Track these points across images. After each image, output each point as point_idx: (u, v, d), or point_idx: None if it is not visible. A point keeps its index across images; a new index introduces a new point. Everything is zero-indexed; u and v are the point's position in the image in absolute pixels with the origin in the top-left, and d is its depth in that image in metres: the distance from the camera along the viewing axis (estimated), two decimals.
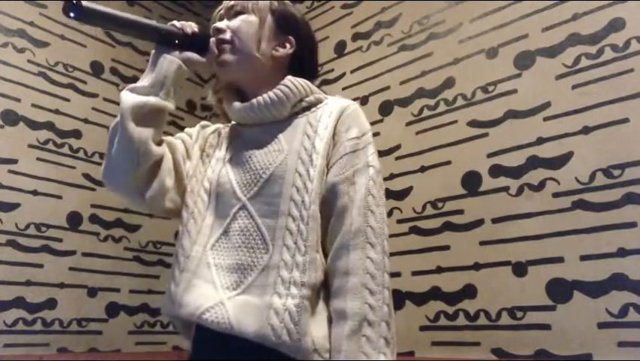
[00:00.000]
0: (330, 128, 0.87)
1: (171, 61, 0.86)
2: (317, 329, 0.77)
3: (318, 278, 0.80)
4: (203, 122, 1.05)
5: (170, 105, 0.87)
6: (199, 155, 0.97)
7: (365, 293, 0.77)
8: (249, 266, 0.82)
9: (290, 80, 0.91)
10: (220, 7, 0.98)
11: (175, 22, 0.90)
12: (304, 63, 0.98)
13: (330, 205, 0.83)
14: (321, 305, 0.81)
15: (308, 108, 0.93)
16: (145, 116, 0.84)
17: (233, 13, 0.95)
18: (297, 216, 0.81)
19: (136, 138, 0.82)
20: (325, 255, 0.83)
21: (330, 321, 0.80)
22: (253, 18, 0.94)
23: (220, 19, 0.96)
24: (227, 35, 0.92)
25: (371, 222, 0.81)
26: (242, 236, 0.84)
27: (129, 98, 0.84)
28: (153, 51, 0.88)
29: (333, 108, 0.90)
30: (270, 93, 0.90)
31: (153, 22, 0.87)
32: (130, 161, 0.83)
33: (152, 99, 0.85)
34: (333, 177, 0.84)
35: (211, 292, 0.82)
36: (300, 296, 0.77)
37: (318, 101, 0.94)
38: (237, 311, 0.78)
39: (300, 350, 0.75)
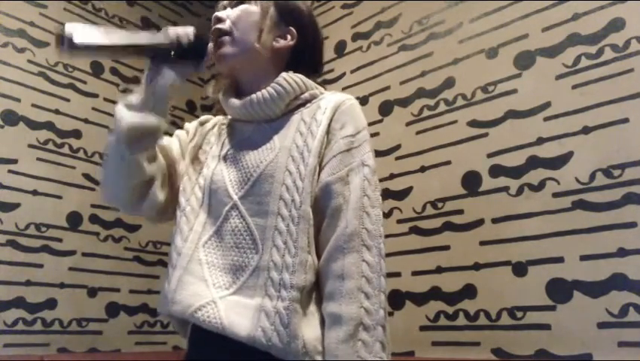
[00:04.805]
0: (323, 126, 0.84)
1: (165, 78, 0.84)
2: (308, 332, 0.76)
3: (307, 280, 0.78)
4: (202, 118, 1.04)
5: (164, 124, 0.86)
6: (194, 153, 0.96)
7: (361, 297, 0.75)
8: (241, 267, 0.81)
9: (284, 77, 0.88)
10: None
11: (170, 28, 0.85)
12: (304, 56, 0.95)
13: (323, 205, 0.81)
14: (312, 307, 0.79)
15: (303, 105, 0.90)
16: (139, 137, 0.83)
17: (235, 1, 0.93)
18: (287, 216, 0.79)
19: (127, 158, 0.82)
20: (318, 256, 0.81)
21: (322, 323, 0.78)
22: (254, 8, 0.91)
23: (224, 8, 0.94)
24: (226, 25, 0.90)
25: (367, 224, 0.79)
26: (234, 236, 0.83)
27: (123, 118, 0.82)
28: (148, 65, 0.85)
29: (328, 104, 0.87)
30: (264, 91, 0.88)
31: (147, 39, 0.83)
32: (121, 180, 0.86)
33: (146, 121, 0.83)
34: (326, 176, 0.82)
35: (204, 290, 0.81)
36: (289, 299, 0.75)
37: (313, 97, 0.91)
38: (229, 312, 0.77)
39: (290, 353, 0.74)
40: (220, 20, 0.91)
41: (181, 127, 1.03)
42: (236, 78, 0.95)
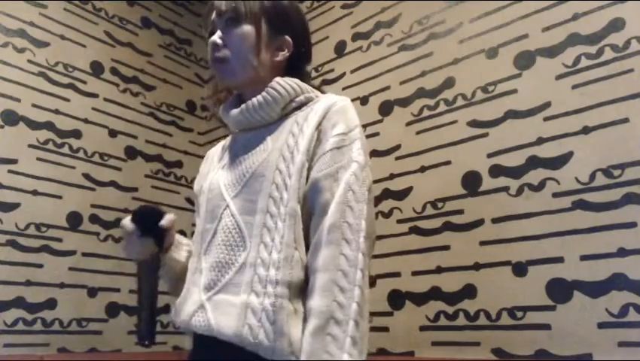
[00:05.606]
0: (313, 125, 0.85)
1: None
2: (297, 330, 0.75)
3: (294, 276, 0.77)
4: (208, 153, 1.08)
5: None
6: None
7: (335, 291, 0.73)
8: (227, 264, 0.82)
9: (278, 81, 0.90)
10: (209, 9, 0.94)
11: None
12: (300, 57, 0.96)
13: (313, 202, 0.81)
14: (301, 305, 0.78)
15: (298, 108, 0.91)
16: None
17: (225, 20, 0.91)
18: (275, 213, 0.80)
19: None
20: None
21: None
22: (248, 27, 0.90)
23: (212, 26, 0.93)
24: (225, 53, 0.90)
25: (348, 218, 0.77)
26: (223, 234, 0.84)
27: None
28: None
29: (321, 106, 0.88)
30: (259, 97, 0.89)
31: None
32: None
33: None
34: (315, 173, 0.82)
35: (196, 296, 0.84)
36: (275, 295, 0.75)
37: (309, 100, 0.91)
38: (216, 313, 0.79)
39: (276, 352, 0.73)
40: (216, 47, 0.90)
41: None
42: (240, 93, 0.97)
